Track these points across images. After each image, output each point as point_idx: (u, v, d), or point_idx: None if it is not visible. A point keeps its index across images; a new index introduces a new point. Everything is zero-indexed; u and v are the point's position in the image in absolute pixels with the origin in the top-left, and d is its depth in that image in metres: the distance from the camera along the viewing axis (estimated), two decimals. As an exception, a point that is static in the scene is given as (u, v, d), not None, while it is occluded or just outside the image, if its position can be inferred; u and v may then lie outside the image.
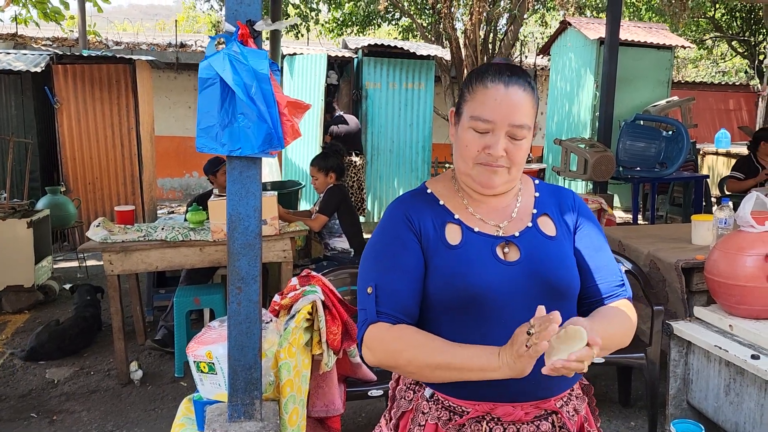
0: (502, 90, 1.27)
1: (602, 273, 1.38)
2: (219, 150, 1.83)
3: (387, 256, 1.32)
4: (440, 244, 1.31)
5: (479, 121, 1.28)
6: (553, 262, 1.32)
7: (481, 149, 1.28)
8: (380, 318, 1.27)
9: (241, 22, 1.78)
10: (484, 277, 1.27)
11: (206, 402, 2.15)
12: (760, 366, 2.23)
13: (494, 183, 1.31)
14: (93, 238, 3.54)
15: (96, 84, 6.76)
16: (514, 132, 1.27)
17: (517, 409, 1.28)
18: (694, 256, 3.04)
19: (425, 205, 1.37)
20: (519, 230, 1.34)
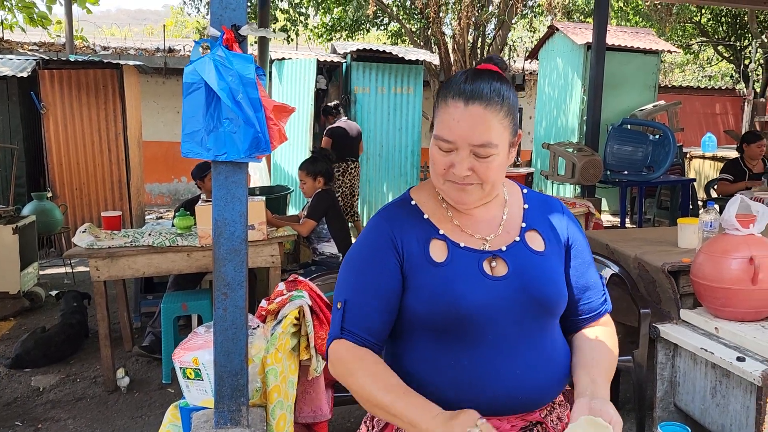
0: (461, 108, 1.21)
1: (591, 292, 1.39)
2: (204, 155, 1.82)
3: (364, 273, 1.29)
4: (425, 262, 1.27)
5: (440, 141, 1.24)
6: (540, 278, 1.30)
7: (447, 168, 1.24)
8: (344, 335, 1.26)
9: (227, 26, 1.78)
10: (471, 294, 1.25)
11: (192, 408, 2.14)
12: (746, 368, 2.24)
13: (465, 200, 1.27)
14: (79, 244, 3.51)
15: (83, 89, 6.72)
16: (477, 151, 1.22)
17: (503, 422, 1.27)
18: (680, 259, 3.05)
19: (409, 219, 1.32)
20: (506, 244, 1.32)
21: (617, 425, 1.11)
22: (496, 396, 1.25)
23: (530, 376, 1.26)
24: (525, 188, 1.44)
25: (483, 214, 1.34)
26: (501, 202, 1.37)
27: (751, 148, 5.94)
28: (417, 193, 1.39)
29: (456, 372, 1.26)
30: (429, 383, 1.27)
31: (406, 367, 1.30)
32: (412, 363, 1.30)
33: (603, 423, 1.09)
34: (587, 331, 1.38)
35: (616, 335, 1.41)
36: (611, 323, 1.41)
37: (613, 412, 1.14)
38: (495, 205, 1.36)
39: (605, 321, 1.41)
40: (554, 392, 1.32)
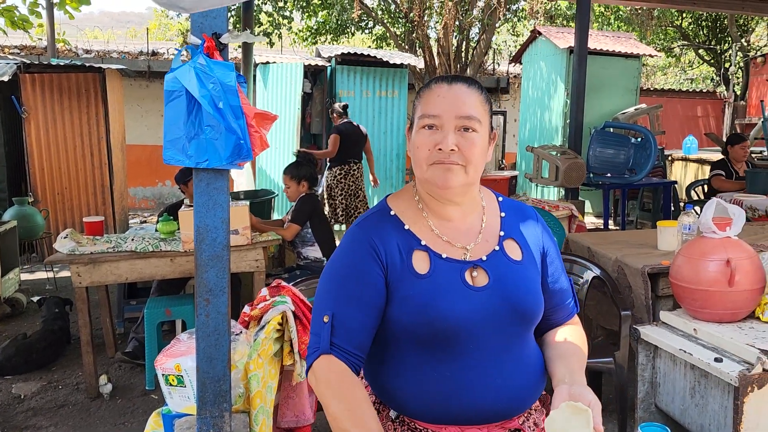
0: (445, 87, 1.29)
1: (563, 296, 1.44)
2: (186, 162, 1.83)
3: (348, 286, 1.29)
4: (408, 274, 1.29)
5: (426, 117, 1.28)
6: (520, 288, 1.32)
7: (433, 147, 1.27)
8: (333, 350, 1.25)
9: (207, 34, 1.78)
10: (455, 305, 1.26)
11: (175, 415, 2.13)
12: (723, 369, 2.28)
13: (450, 182, 1.28)
14: (60, 250, 3.48)
15: (65, 93, 6.66)
16: (463, 123, 1.26)
17: (483, 430, 1.29)
18: (659, 261, 3.10)
19: (390, 230, 1.33)
20: (486, 254, 1.34)
21: (595, 407, 1.16)
22: (477, 406, 1.27)
23: (510, 385, 1.29)
24: (500, 196, 1.46)
25: (462, 222, 1.36)
26: (479, 209, 1.39)
27: (734, 150, 6.02)
28: (395, 202, 1.39)
29: (438, 383, 1.27)
30: (411, 395, 1.29)
31: (386, 379, 1.31)
32: (393, 375, 1.31)
33: (582, 407, 1.14)
34: (559, 330, 1.44)
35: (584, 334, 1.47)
36: (579, 322, 1.48)
37: (591, 396, 1.19)
38: (473, 213, 1.38)
39: (574, 320, 1.48)
40: (532, 398, 1.34)
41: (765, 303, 2.56)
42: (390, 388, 1.30)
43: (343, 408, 1.20)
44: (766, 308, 2.55)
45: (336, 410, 1.21)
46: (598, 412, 1.16)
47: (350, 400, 1.21)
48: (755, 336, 2.41)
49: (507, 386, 1.28)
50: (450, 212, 1.36)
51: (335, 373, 1.24)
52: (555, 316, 1.44)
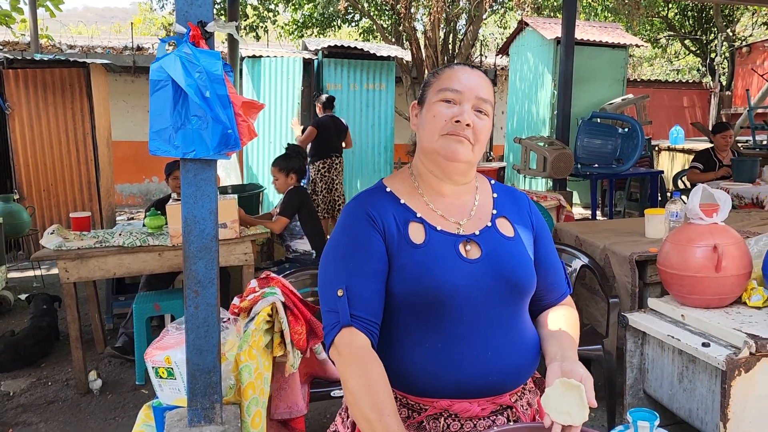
0: (467, 69, 1.36)
1: (558, 276, 1.47)
2: (172, 153, 1.81)
3: (354, 258, 1.30)
4: (404, 244, 1.32)
5: (448, 91, 1.33)
6: (512, 260, 1.35)
7: (449, 119, 1.32)
8: (353, 322, 1.26)
9: (192, 23, 1.77)
10: (448, 274, 1.29)
11: (166, 408, 2.12)
12: (710, 353, 2.30)
13: (459, 154, 1.32)
14: (47, 246, 3.45)
15: (49, 88, 6.60)
16: (479, 105, 1.33)
17: (473, 405, 1.30)
18: (647, 248, 3.12)
19: (386, 203, 1.37)
20: (479, 229, 1.37)
21: (587, 381, 1.19)
22: (467, 378, 1.28)
23: (501, 359, 1.30)
24: (492, 180, 1.51)
25: (455, 199, 1.40)
26: (472, 189, 1.43)
27: (716, 139, 6.06)
28: (390, 182, 1.43)
29: (430, 355, 1.29)
30: (404, 366, 1.30)
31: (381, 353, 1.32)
32: (387, 348, 1.33)
33: (575, 382, 1.16)
34: (552, 310, 1.46)
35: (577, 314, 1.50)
36: (572, 303, 1.50)
37: (582, 371, 1.21)
38: (467, 192, 1.42)
39: (567, 302, 1.49)
40: (524, 376, 1.35)
41: (751, 288, 2.59)
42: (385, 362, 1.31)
43: (362, 384, 1.22)
44: (752, 293, 2.57)
45: (354, 385, 1.23)
46: (590, 387, 1.18)
47: (369, 377, 1.23)
48: (742, 320, 2.44)
49: (498, 360, 1.29)
50: (445, 189, 1.39)
51: (358, 348, 1.25)
52: (547, 297, 1.46)
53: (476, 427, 1.30)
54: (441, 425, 1.30)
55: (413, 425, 1.31)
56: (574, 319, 1.45)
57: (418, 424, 1.31)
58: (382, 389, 1.22)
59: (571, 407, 1.14)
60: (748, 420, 2.27)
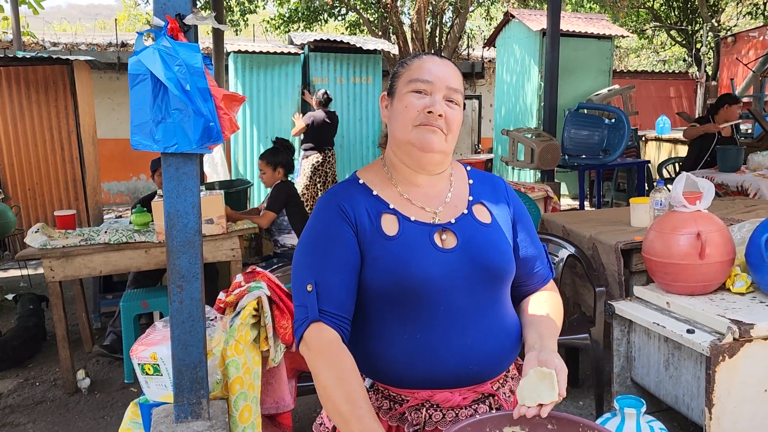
0: (437, 60, 1.36)
1: (537, 262, 1.46)
2: (153, 147, 1.80)
3: (325, 251, 1.30)
4: (377, 236, 1.31)
5: (419, 82, 1.33)
6: (489, 247, 1.34)
7: (421, 110, 1.31)
8: (322, 317, 1.25)
9: (170, 15, 1.75)
10: (423, 265, 1.28)
11: (152, 404, 2.11)
12: (695, 339, 2.32)
13: (433, 144, 1.32)
14: (31, 245, 3.42)
15: (32, 86, 6.52)
16: (450, 95, 1.33)
17: (455, 394, 1.30)
18: (632, 237, 3.13)
19: (358, 195, 1.35)
20: (455, 217, 1.36)
21: (560, 372, 1.18)
22: (446, 368, 1.28)
23: (481, 348, 1.30)
24: (468, 167, 1.50)
25: (430, 188, 1.39)
26: (446, 177, 1.42)
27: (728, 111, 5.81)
28: (363, 174, 1.42)
29: (409, 345, 1.28)
30: (382, 360, 1.30)
31: (360, 345, 1.32)
32: (366, 341, 1.32)
33: (547, 371, 1.17)
34: (534, 296, 1.46)
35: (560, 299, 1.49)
36: (555, 288, 1.49)
37: (558, 361, 1.21)
38: (441, 180, 1.41)
39: (550, 286, 1.49)
40: (504, 363, 1.35)
41: (735, 274, 2.61)
42: (364, 355, 1.31)
43: (333, 377, 1.21)
44: (736, 279, 2.60)
45: (325, 379, 1.22)
46: (563, 377, 1.18)
47: (340, 369, 1.22)
48: (726, 307, 2.46)
49: (477, 349, 1.29)
50: (419, 179, 1.38)
51: (327, 342, 1.25)
52: (529, 281, 1.45)
53: (458, 416, 1.30)
54: (423, 416, 1.30)
55: (395, 416, 1.31)
56: (557, 303, 1.44)
57: (400, 415, 1.31)
58: (353, 382, 1.21)
59: (542, 392, 1.16)
60: (732, 405, 2.29)
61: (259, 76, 8.22)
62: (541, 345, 1.28)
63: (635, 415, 2.26)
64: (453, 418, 1.30)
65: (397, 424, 1.31)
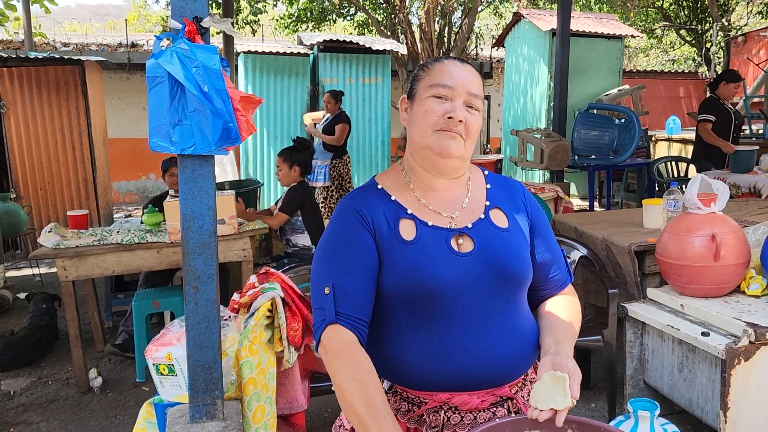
0: (458, 64, 1.36)
1: (556, 265, 1.45)
2: (170, 149, 1.81)
3: (342, 255, 1.31)
4: (395, 240, 1.31)
5: (440, 87, 1.33)
6: (505, 252, 1.34)
7: (441, 115, 1.31)
8: (338, 319, 1.26)
9: (188, 18, 1.76)
10: (440, 270, 1.28)
11: (167, 404, 2.12)
12: (710, 342, 2.31)
13: (452, 150, 1.32)
14: (45, 244, 3.44)
15: (44, 87, 6.57)
16: (470, 101, 1.33)
17: (473, 397, 1.30)
18: (645, 239, 3.12)
19: (377, 200, 1.36)
20: (472, 222, 1.36)
21: (574, 375, 1.18)
22: (465, 371, 1.28)
23: (498, 351, 1.29)
24: (486, 171, 1.50)
25: (448, 193, 1.39)
26: (464, 181, 1.42)
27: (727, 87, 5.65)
28: (382, 179, 1.43)
29: (427, 349, 1.29)
30: (401, 362, 1.30)
31: (378, 348, 1.32)
32: (384, 344, 1.33)
33: (560, 374, 1.17)
34: (552, 300, 1.44)
35: (579, 304, 1.48)
36: (573, 292, 1.48)
37: (571, 365, 1.20)
38: (459, 185, 1.41)
39: (568, 290, 1.47)
40: (522, 367, 1.35)
41: (750, 277, 2.60)
42: (382, 358, 1.31)
43: (350, 378, 1.22)
44: (751, 282, 2.58)
45: (342, 380, 1.22)
46: (576, 381, 1.17)
47: (357, 371, 1.22)
48: (741, 309, 2.44)
49: (494, 352, 1.29)
50: (437, 183, 1.38)
51: (343, 344, 1.25)
52: (546, 286, 1.44)
53: (477, 419, 1.30)
54: (441, 418, 1.30)
55: (413, 419, 1.31)
56: (574, 308, 1.43)
57: (418, 417, 1.31)
58: (370, 383, 1.21)
59: (556, 397, 1.15)
60: (748, 408, 2.28)
61: (268, 76, 8.25)
62: (556, 349, 1.27)
63: (649, 418, 2.25)
64: (471, 421, 1.30)
65: (416, 426, 1.32)
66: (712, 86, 5.83)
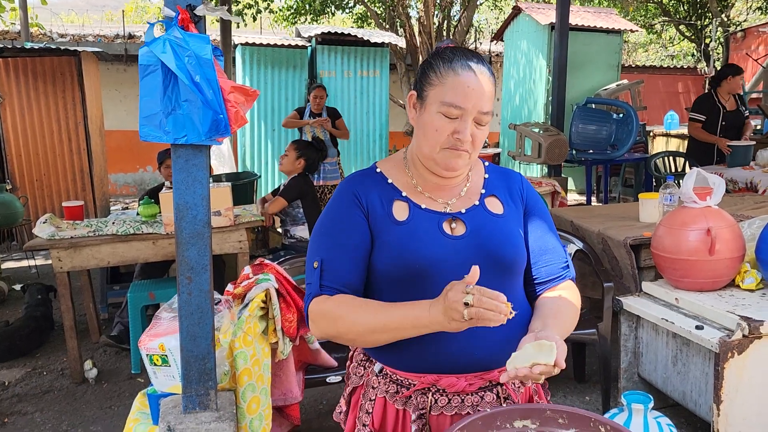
0: (473, 78, 1.28)
1: (550, 256, 1.43)
2: (163, 138, 1.80)
3: (334, 233, 1.34)
4: (388, 221, 1.33)
5: (452, 107, 1.28)
6: (498, 237, 1.35)
7: (450, 134, 1.30)
8: (323, 291, 1.30)
9: (181, 6, 1.75)
10: (430, 250, 1.30)
11: (160, 395, 2.12)
12: (704, 336, 2.31)
13: (458, 166, 1.33)
14: (40, 235, 3.43)
15: (40, 77, 6.54)
16: (480, 118, 1.30)
17: (461, 380, 1.31)
18: (641, 233, 3.12)
19: (373, 183, 1.39)
20: (466, 207, 1.38)
21: (561, 347, 1.15)
22: (451, 353, 1.29)
23: (486, 334, 1.28)
24: (487, 162, 1.51)
25: (447, 182, 1.40)
26: (464, 175, 1.43)
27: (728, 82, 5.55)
28: (383, 164, 1.45)
29: None
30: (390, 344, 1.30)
31: None
32: None
33: (547, 342, 1.13)
34: (548, 293, 1.42)
35: (579, 301, 1.45)
36: (574, 287, 1.45)
37: (557, 337, 1.17)
38: (458, 179, 1.41)
39: (568, 285, 1.44)
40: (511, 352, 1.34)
41: (745, 271, 2.60)
42: None
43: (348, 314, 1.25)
44: (745, 276, 2.58)
45: (347, 323, 1.25)
46: (563, 352, 1.15)
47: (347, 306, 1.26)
48: (735, 303, 2.45)
49: (482, 335, 1.29)
50: (438, 181, 1.39)
51: (325, 302, 1.29)
52: (541, 276, 1.42)
53: (464, 402, 1.31)
54: (429, 400, 1.31)
55: (401, 400, 1.33)
56: (571, 301, 1.40)
57: (406, 399, 1.33)
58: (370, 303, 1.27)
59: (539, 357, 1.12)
60: (740, 402, 2.28)
61: (266, 68, 8.22)
62: (543, 328, 1.25)
63: (642, 411, 2.26)
64: (459, 404, 1.31)
65: (404, 408, 1.33)
66: (714, 82, 5.76)
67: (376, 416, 1.35)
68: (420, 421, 1.30)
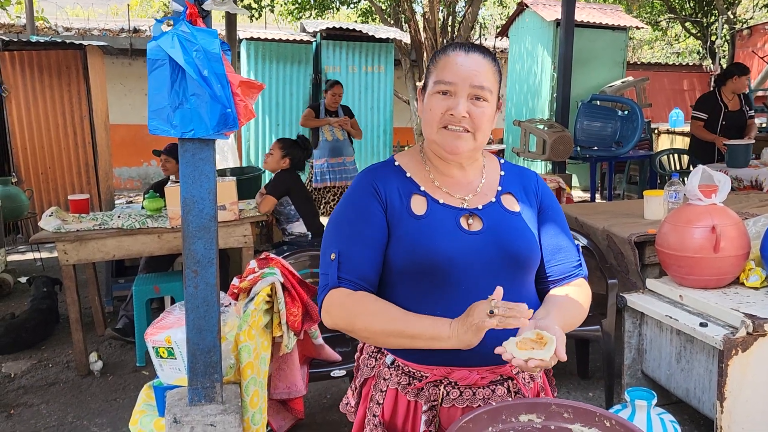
0: (462, 55, 1.32)
1: (562, 254, 1.43)
2: (170, 132, 1.80)
3: (352, 224, 1.34)
4: (405, 214, 1.34)
5: (441, 83, 1.31)
6: (513, 233, 1.36)
7: (444, 111, 1.31)
8: (341, 283, 1.30)
9: (189, 1, 1.75)
10: (447, 244, 1.31)
11: (166, 387, 2.14)
12: (708, 333, 2.31)
13: (459, 148, 1.33)
14: (46, 228, 3.45)
15: (45, 71, 6.55)
16: (476, 93, 1.31)
17: (473, 373, 1.31)
18: (646, 230, 3.12)
19: (392, 176, 1.39)
20: (482, 204, 1.39)
21: (560, 338, 1.17)
22: None
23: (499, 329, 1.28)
24: (502, 159, 1.51)
25: (463, 177, 1.41)
26: (479, 167, 1.44)
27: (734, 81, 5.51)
28: (401, 157, 1.45)
29: None
30: None
31: None
32: None
33: (549, 336, 1.15)
34: (559, 287, 1.43)
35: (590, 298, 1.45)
36: (585, 285, 1.45)
37: (557, 329, 1.19)
38: (474, 171, 1.43)
39: (579, 283, 1.44)
40: None
41: (749, 268, 2.60)
42: None
43: (366, 314, 1.27)
44: (750, 273, 2.58)
45: (363, 322, 1.27)
46: (562, 343, 1.17)
47: (366, 306, 1.27)
48: (740, 301, 2.45)
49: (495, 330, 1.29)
50: (452, 170, 1.40)
51: (346, 296, 1.29)
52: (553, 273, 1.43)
53: (475, 395, 1.32)
54: (440, 392, 1.32)
55: (413, 392, 1.34)
56: (580, 297, 1.41)
57: (418, 391, 1.33)
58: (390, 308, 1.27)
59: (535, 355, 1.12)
60: (744, 399, 2.29)
61: (271, 63, 8.22)
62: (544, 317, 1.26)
63: (646, 407, 2.26)
64: (470, 397, 1.32)
65: (415, 400, 1.34)
66: (719, 81, 5.73)
67: (387, 407, 1.36)
68: (431, 412, 1.31)
